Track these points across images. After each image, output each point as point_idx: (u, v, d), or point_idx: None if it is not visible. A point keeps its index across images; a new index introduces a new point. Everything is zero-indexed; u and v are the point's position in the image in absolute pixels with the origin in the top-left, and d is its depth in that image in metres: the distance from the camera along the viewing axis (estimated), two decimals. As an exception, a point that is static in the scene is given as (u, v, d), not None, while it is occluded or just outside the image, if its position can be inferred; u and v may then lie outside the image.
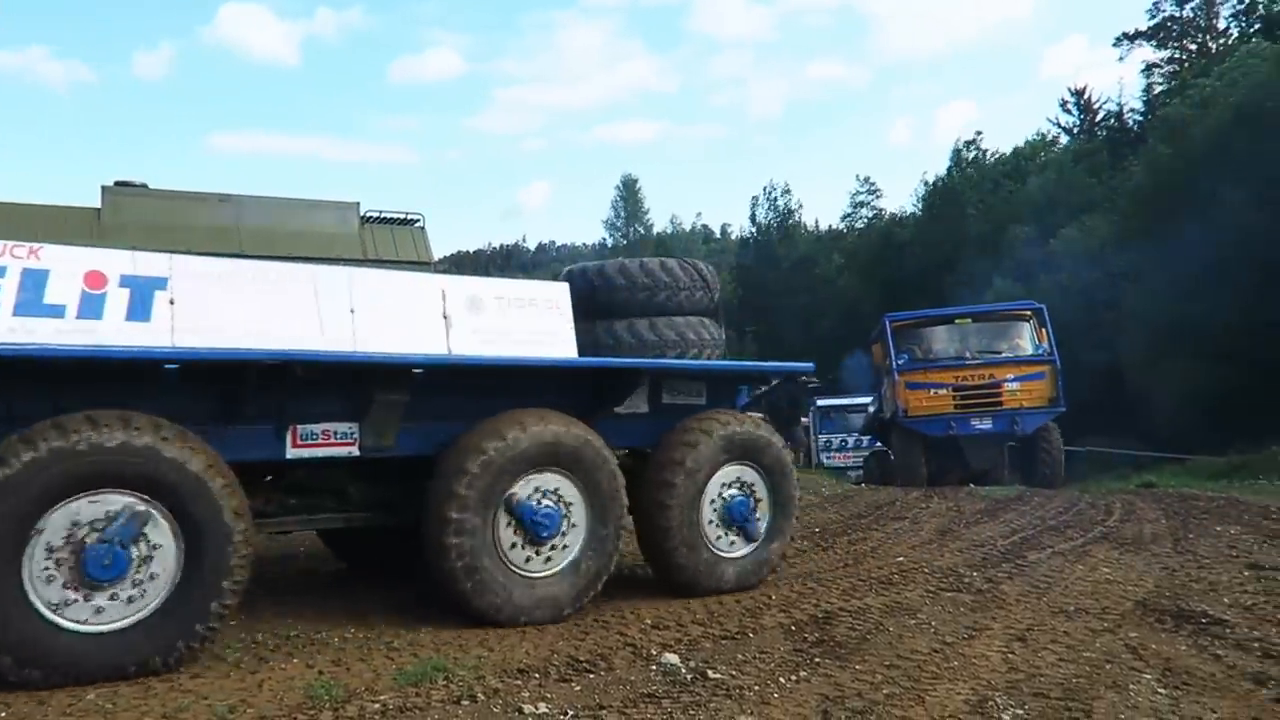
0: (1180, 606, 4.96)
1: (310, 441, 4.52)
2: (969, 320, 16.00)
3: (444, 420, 4.84)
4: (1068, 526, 8.35)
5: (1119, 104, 40.39)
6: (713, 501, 5.49)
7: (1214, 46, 36.57)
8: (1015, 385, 14.80)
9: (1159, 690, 3.60)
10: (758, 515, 5.67)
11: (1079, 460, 18.82)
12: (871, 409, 19.12)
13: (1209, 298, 20.26)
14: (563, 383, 5.29)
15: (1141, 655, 4.07)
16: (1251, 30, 33.25)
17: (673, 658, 4.08)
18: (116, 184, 8.18)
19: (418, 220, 9.17)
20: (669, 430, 5.50)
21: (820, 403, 25.16)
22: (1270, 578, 5.74)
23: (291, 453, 4.49)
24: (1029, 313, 15.89)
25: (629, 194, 76.35)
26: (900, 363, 15.25)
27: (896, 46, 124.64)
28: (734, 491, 5.58)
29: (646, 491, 5.36)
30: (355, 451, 4.61)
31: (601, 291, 6.04)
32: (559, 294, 5.67)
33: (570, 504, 4.93)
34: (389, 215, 9.08)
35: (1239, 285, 19.43)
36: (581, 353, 5.63)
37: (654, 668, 3.98)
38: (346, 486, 4.93)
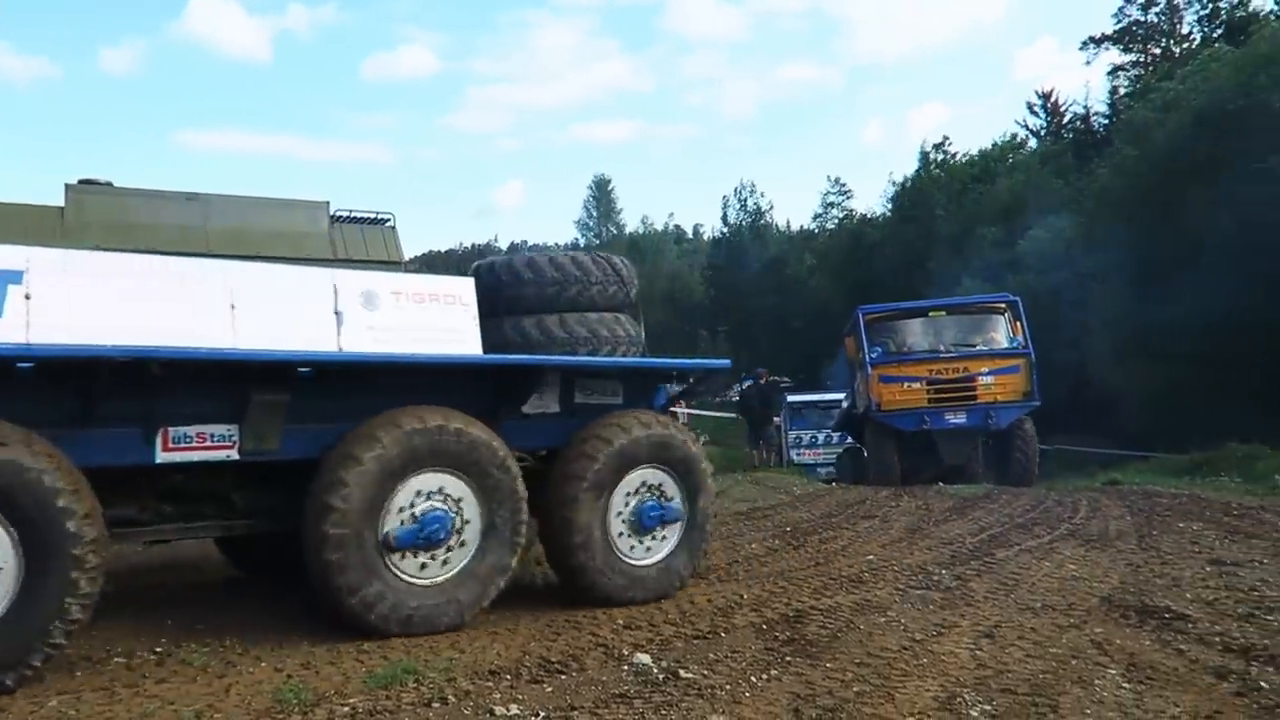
0: (1144, 602, 5.04)
1: (183, 445, 4.23)
2: (943, 313, 15.79)
3: (332, 422, 4.58)
4: (1035, 524, 8.45)
5: (1085, 107, 41.02)
6: (620, 508, 5.27)
7: (1177, 51, 37.18)
8: (990, 379, 14.59)
9: (1123, 685, 3.66)
10: (669, 522, 5.45)
11: (1047, 458, 19.02)
12: (845, 404, 18.87)
13: (1172, 298, 20.59)
14: (464, 382, 5.06)
15: (1106, 651, 4.13)
16: (1215, 35, 33.83)
17: (645, 657, 4.09)
18: (81, 182, 8.07)
19: (388, 220, 9.13)
20: (577, 431, 5.29)
21: (791, 399, 25.03)
22: (1231, 573, 5.85)
23: (162, 457, 4.19)
24: (1004, 305, 15.72)
25: (601, 194, 76.44)
26: (873, 356, 15.01)
27: (868, 48, 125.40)
28: (645, 497, 5.35)
29: (551, 496, 5.14)
30: (234, 455, 4.33)
31: (509, 287, 5.82)
32: (463, 289, 5.45)
33: (461, 506, 4.70)
34: (359, 215, 9.04)
35: (1201, 286, 19.74)
36: (488, 350, 5.44)
37: (626, 668, 3.98)
38: (230, 493, 4.65)
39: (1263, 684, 3.58)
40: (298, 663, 4.12)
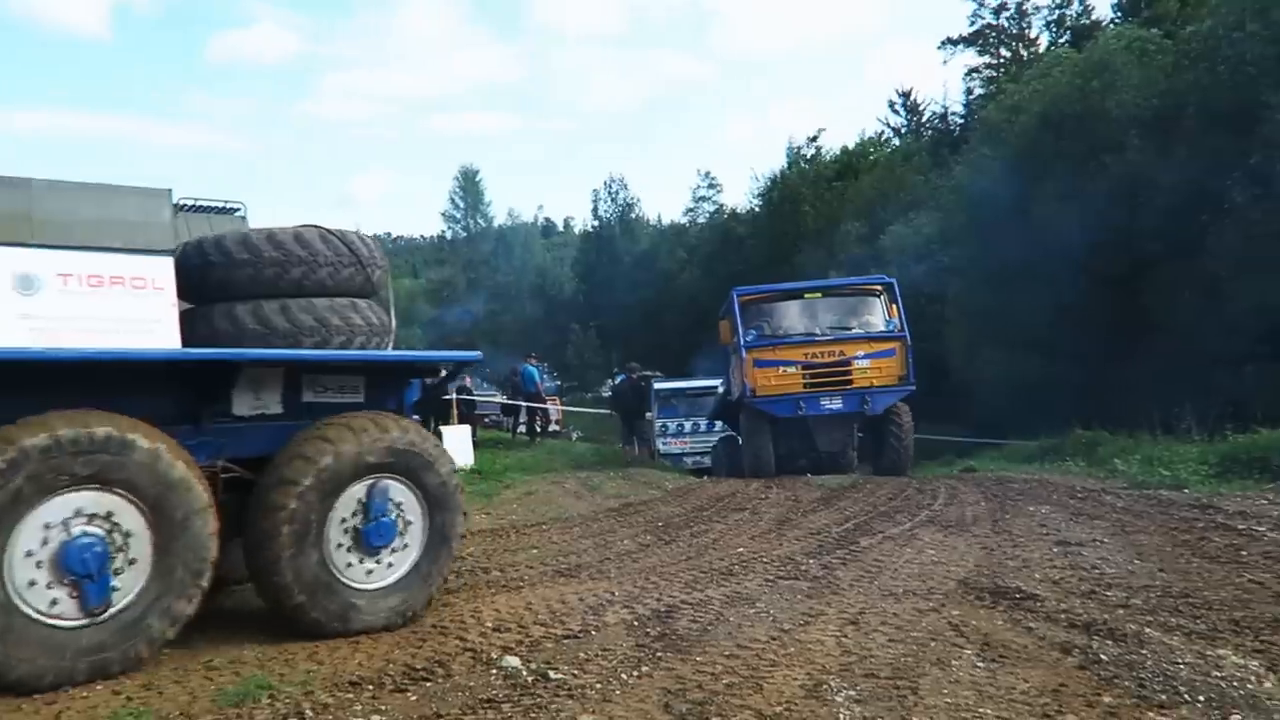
0: (997, 584, 5.33)
1: None
2: (819, 294, 15.37)
3: None
4: (897, 512, 8.82)
5: (943, 106, 43.08)
6: (342, 523, 4.67)
7: (1025, 54, 39.46)
8: (865, 363, 14.23)
9: (978, 664, 3.86)
10: (406, 541, 4.90)
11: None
12: (720, 391, 18.35)
13: (1020, 291, 21.85)
14: (154, 381, 4.47)
15: (963, 632, 4.35)
16: (1061, 39, 36.06)
17: (513, 660, 4.05)
18: (-120, 164, 7.37)
19: (238, 209, 8.69)
20: (295, 435, 4.70)
21: (659, 386, 24.42)
22: (1076, 553, 6.27)
23: None
24: (879, 287, 15.44)
25: (469, 185, 75.21)
26: (748, 339, 14.55)
27: (741, 43, 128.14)
28: (371, 512, 4.74)
29: (255, 508, 4.55)
30: None
31: (220, 268, 5.05)
32: (157, 271, 4.72)
33: (129, 537, 4.02)
34: (206, 203, 8.58)
35: (1046, 279, 21.03)
36: (193, 344, 4.79)
37: (494, 672, 3.93)
38: None
39: (1103, 656, 3.85)
40: (139, 683, 3.88)
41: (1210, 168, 17.90)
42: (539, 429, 21.05)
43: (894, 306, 14.97)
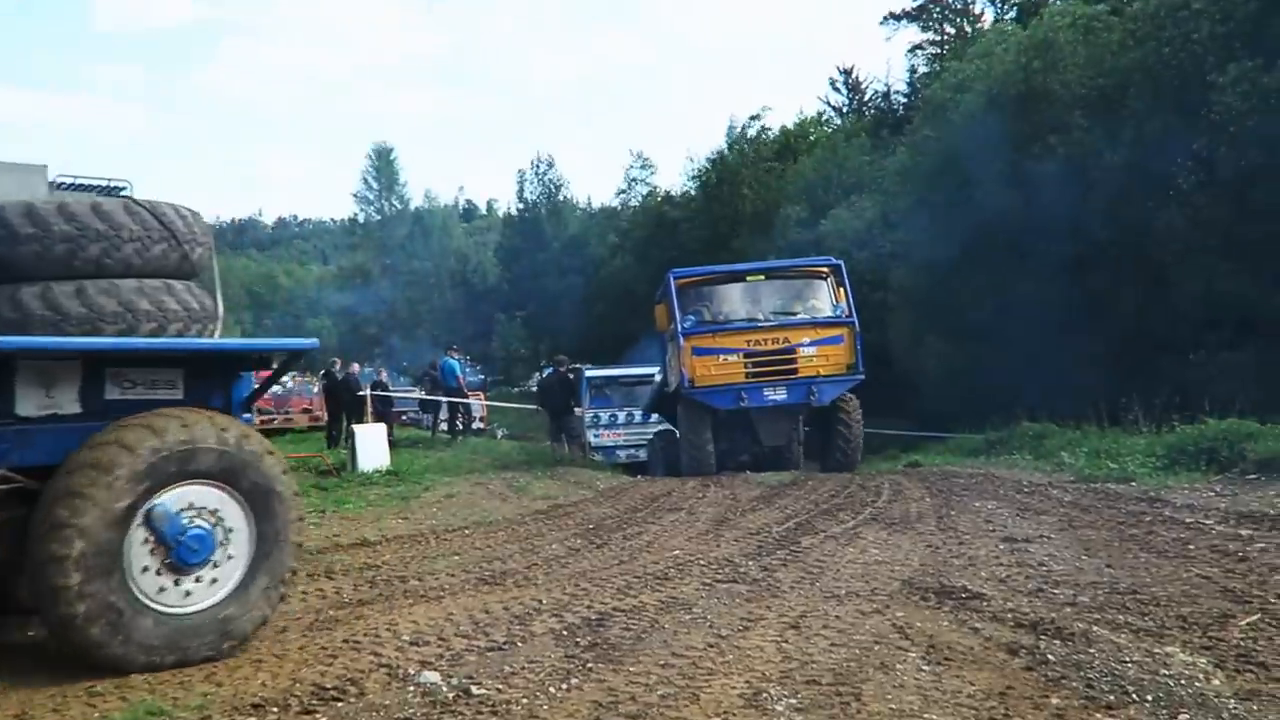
0: (943, 583, 5.44)
1: None
2: (762, 277, 15.19)
3: None
4: (840, 509, 8.95)
5: (886, 85, 43.76)
6: (147, 537, 4.25)
7: (970, 30, 40.28)
8: (811, 350, 14.09)
9: (923, 667, 3.93)
10: (231, 553, 4.50)
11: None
12: (656, 379, 18.09)
13: (965, 278, 22.31)
14: None
15: (907, 634, 4.42)
16: (1008, 14, 36.84)
17: (433, 675, 4.00)
18: None
19: (124, 187, 8.42)
20: (93, 436, 4.29)
21: (590, 374, 23.97)
22: (1022, 550, 6.44)
23: None
24: (826, 270, 15.28)
25: (383, 164, 74.10)
26: (686, 325, 14.28)
27: (676, 20, 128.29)
28: (185, 523, 4.34)
29: (39, 522, 4.11)
30: None
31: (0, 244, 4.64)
32: None
33: None
34: (87, 181, 8.29)
35: (991, 265, 21.51)
36: None
37: (412, 689, 3.88)
38: None
39: (1050, 657, 3.95)
40: (11, 713, 3.74)
41: (1156, 151, 18.49)
42: (461, 426, 20.85)
43: (841, 290, 14.81)
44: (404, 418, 29.47)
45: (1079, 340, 19.42)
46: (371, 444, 13.80)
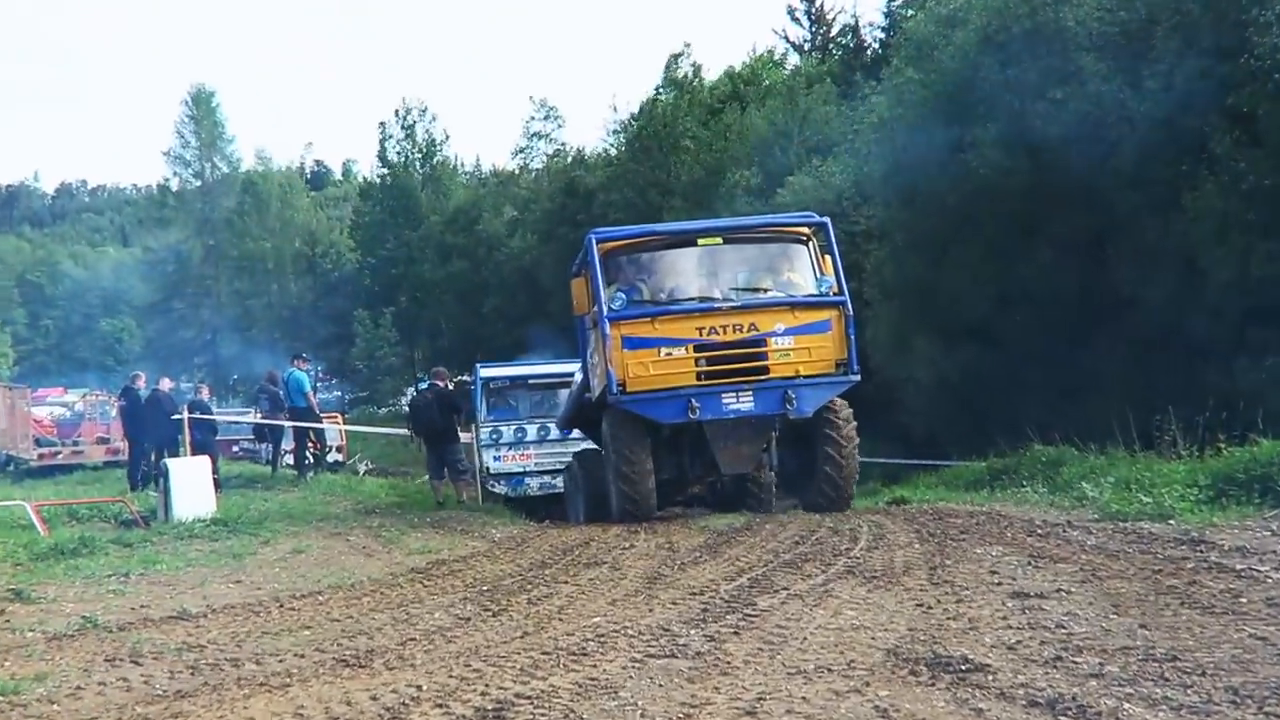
0: (936, 652, 5.52)
1: None
2: (719, 240, 13.91)
3: None
4: (806, 560, 9.03)
5: (855, 16, 44.50)
6: None
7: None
8: (788, 341, 12.99)
9: (915, 762, 3.98)
10: None
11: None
12: (576, 383, 16.96)
13: (959, 262, 22.60)
14: None
15: (893, 719, 4.48)
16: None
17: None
18: None
19: None
20: None
21: (485, 374, 23.14)
22: (1036, 608, 6.56)
23: None
24: (807, 230, 14.11)
25: (203, 113, 72.77)
26: (615, 307, 13.10)
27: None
28: None
29: None
30: None
31: None
32: None
33: None
34: None
35: (992, 246, 21.85)
36: None
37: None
38: None
39: (1073, 743, 4.04)
40: None
41: (1186, 103, 18.89)
42: (311, 460, 20.56)
43: (828, 259, 13.75)
44: (235, 449, 28.99)
45: (1100, 340, 19.80)
46: (190, 484, 13.54)
